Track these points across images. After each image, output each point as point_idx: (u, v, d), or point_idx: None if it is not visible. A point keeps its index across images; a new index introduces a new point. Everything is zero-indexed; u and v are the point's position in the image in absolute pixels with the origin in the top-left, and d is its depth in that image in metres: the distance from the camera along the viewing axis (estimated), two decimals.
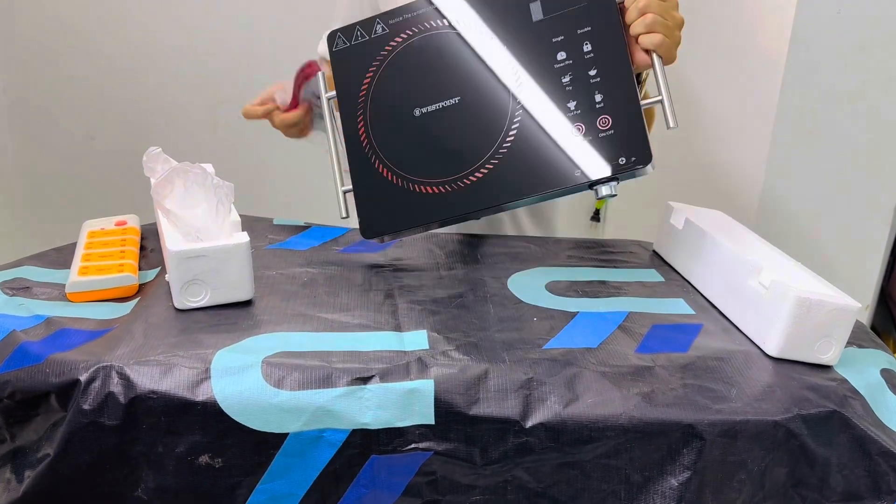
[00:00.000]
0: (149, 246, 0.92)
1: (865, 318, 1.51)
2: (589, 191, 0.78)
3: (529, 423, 0.65)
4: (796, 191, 1.41)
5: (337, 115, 0.88)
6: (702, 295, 0.86)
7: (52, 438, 0.65)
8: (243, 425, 0.63)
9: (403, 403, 0.65)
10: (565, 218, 1.17)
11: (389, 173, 0.79)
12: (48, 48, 1.80)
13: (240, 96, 1.21)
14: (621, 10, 0.80)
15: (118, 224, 0.95)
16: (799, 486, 0.69)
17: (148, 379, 0.64)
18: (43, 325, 0.72)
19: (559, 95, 0.79)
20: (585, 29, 0.78)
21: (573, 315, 0.79)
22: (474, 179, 0.78)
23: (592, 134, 0.77)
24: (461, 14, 0.84)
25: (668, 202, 0.96)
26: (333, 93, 0.88)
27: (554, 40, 0.79)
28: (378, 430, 0.65)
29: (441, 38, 0.83)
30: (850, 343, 0.76)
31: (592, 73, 0.78)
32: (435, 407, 0.65)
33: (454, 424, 0.65)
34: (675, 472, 0.66)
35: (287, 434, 0.64)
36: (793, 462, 0.68)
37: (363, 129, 0.82)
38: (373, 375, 0.66)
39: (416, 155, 0.81)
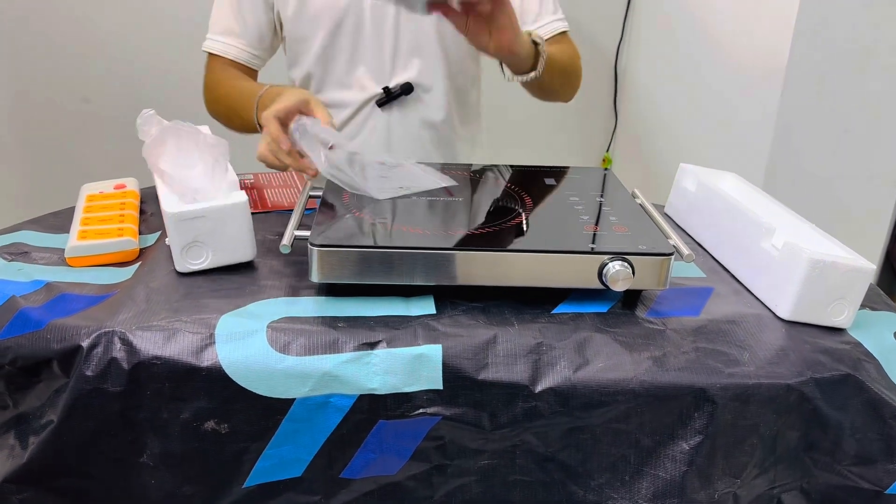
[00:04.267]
0: (149, 210, 0.90)
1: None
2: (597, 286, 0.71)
3: (539, 388, 0.64)
4: (805, 152, 1.39)
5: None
6: (713, 257, 0.85)
7: (55, 405, 0.64)
8: (249, 391, 0.63)
9: (411, 368, 0.64)
10: None
11: (362, 214, 0.75)
12: (42, 11, 1.76)
13: None
14: None
15: (117, 187, 0.93)
16: (811, 449, 0.68)
17: (151, 344, 0.63)
18: (43, 291, 0.71)
19: (571, 210, 0.80)
20: (600, 197, 0.85)
21: None
22: (464, 233, 0.73)
23: (607, 230, 0.75)
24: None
25: (681, 164, 0.94)
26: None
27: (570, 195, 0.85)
28: (386, 395, 0.64)
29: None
30: (863, 306, 0.75)
31: (607, 208, 0.81)
32: (443, 372, 0.64)
33: (462, 389, 0.64)
34: (686, 437, 0.66)
35: (294, 399, 0.63)
36: (805, 426, 0.67)
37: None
38: (380, 340, 0.65)
39: (401, 213, 0.78)
